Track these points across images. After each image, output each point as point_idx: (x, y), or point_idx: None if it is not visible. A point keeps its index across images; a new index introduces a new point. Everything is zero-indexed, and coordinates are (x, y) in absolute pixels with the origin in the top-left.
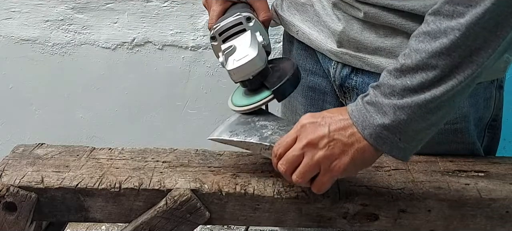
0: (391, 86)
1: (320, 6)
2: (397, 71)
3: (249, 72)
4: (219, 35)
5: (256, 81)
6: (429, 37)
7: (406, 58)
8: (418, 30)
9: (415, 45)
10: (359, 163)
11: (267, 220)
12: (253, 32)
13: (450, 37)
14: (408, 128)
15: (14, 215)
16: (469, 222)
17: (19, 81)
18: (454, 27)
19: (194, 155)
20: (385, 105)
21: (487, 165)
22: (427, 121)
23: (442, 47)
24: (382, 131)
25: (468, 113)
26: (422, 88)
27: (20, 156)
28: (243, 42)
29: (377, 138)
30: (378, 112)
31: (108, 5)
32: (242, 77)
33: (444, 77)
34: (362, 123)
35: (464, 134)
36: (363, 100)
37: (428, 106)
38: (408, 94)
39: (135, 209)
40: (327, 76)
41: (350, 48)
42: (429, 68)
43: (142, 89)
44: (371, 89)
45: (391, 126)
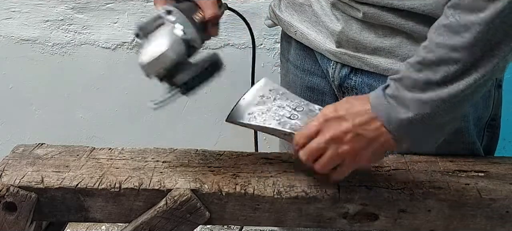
0: (414, 80)
1: (319, 6)
2: (419, 64)
3: (160, 67)
4: (140, 30)
5: (171, 76)
6: (449, 31)
7: (428, 51)
8: (437, 22)
9: (435, 38)
10: (380, 154)
11: (267, 220)
12: (173, 25)
13: (471, 32)
14: (432, 121)
15: (14, 215)
16: (469, 222)
17: (19, 81)
18: (475, 22)
19: (194, 155)
20: (408, 99)
21: (487, 165)
22: (450, 115)
23: (464, 41)
24: (407, 125)
25: (467, 113)
26: (445, 82)
27: (20, 156)
28: (158, 35)
29: (401, 132)
30: (402, 106)
31: (108, 5)
32: (155, 72)
33: (466, 71)
34: (387, 116)
35: (464, 134)
36: (385, 92)
37: (452, 101)
38: (431, 88)
39: (135, 209)
40: (326, 76)
41: (349, 48)
42: (451, 62)
43: (142, 89)
44: (391, 81)
45: (415, 119)
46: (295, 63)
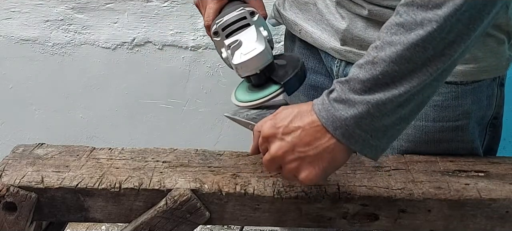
0: (362, 82)
1: (323, 4)
2: (368, 65)
3: (256, 66)
4: (222, 30)
5: (262, 76)
6: (403, 28)
7: (379, 50)
8: (389, 21)
9: (388, 37)
10: (331, 166)
11: (267, 220)
12: (257, 26)
13: (426, 29)
14: (380, 123)
15: (14, 215)
16: (469, 222)
17: (19, 81)
18: (431, 19)
19: (194, 155)
20: (357, 102)
21: (487, 165)
22: (397, 115)
23: (418, 39)
24: (354, 130)
25: (470, 110)
26: (394, 81)
27: (20, 156)
28: (248, 36)
29: (349, 137)
30: (348, 110)
31: (108, 5)
32: (250, 72)
33: (416, 70)
34: (333, 123)
35: (465, 132)
36: (329, 97)
37: (399, 100)
38: (380, 89)
39: (135, 209)
40: (330, 75)
41: (354, 46)
42: (403, 61)
43: (142, 89)
44: (337, 85)
45: (363, 123)
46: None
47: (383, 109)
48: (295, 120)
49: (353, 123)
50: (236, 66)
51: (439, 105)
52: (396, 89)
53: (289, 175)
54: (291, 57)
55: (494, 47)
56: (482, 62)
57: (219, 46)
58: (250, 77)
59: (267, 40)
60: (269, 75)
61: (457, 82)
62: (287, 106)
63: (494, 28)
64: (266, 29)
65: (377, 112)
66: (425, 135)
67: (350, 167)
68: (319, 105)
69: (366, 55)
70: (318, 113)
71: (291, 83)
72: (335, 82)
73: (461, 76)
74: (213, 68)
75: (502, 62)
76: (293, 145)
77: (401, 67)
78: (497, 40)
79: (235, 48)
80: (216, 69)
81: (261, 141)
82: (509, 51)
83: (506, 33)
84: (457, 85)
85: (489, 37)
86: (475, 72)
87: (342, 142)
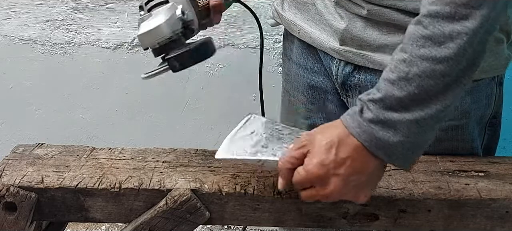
0: (398, 99)
1: (322, 4)
2: (402, 81)
3: (155, 39)
4: (145, 4)
5: (159, 51)
6: (431, 41)
7: (410, 65)
8: (413, 33)
9: (416, 51)
10: (379, 179)
11: (267, 220)
12: (177, 4)
13: (457, 42)
14: (421, 139)
15: (14, 215)
16: (469, 222)
17: (19, 81)
18: (461, 31)
19: (194, 155)
20: (396, 121)
21: (487, 165)
22: (436, 129)
23: (450, 53)
24: (397, 148)
25: (469, 109)
26: (431, 97)
27: (20, 156)
28: (159, 11)
29: (391, 155)
30: (388, 130)
31: (108, 5)
32: (149, 44)
33: (452, 83)
34: (376, 145)
35: (465, 131)
36: (363, 117)
37: (439, 116)
38: (418, 105)
39: (135, 209)
40: (329, 74)
41: (353, 46)
42: (438, 75)
43: (142, 89)
44: (371, 104)
45: (406, 141)
46: (297, 62)
47: (423, 126)
48: (340, 151)
49: (396, 143)
50: (138, 37)
51: None
52: (434, 105)
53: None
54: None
55: (493, 46)
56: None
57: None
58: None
59: (179, 18)
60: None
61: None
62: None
63: None
64: (185, 8)
65: (418, 129)
66: None
67: None
68: (356, 128)
69: (395, 70)
70: (359, 138)
71: (175, 60)
72: (366, 101)
73: None
74: (213, 68)
75: (501, 62)
76: (348, 175)
77: (437, 82)
78: (496, 40)
79: (142, 20)
80: (216, 69)
81: (305, 180)
82: (508, 51)
83: (505, 33)
84: None
85: None
86: None
87: (385, 160)
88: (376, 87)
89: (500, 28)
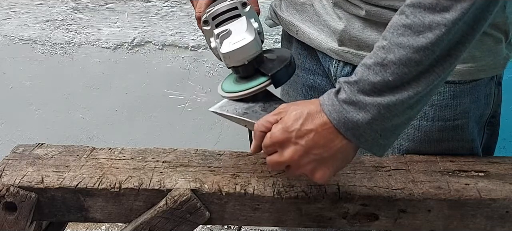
0: (372, 83)
1: (320, 5)
2: (377, 66)
3: (245, 57)
4: (212, 19)
5: (250, 67)
6: (411, 30)
7: (388, 52)
8: (395, 21)
9: (395, 38)
10: (342, 164)
11: (267, 220)
12: (248, 17)
13: (435, 32)
14: (390, 124)
15: (14, 215)
16: (469, 222)
17: (19, 81)
18: (440, 22)
19: (194, 155)
20: (367, 104)
21: (487, 165)
22: (406, 115)
23: (427, 42)
24: (365, 130)
25: (468, 109)
26: (403, 84)
27: (20, 156)
28: (238, 26)
29: (359, 137)
30: (359, 111)
31: (108, 5)
32: (237, 62)
33: (425, 72)
34: (344, 124)
35: (464, 131)
36: (338, 98)
37: (410, 102)
38: (390, 91)
39: (135, 209)
40: (327, 75)
41: (352, 47)
42: (413, 63)
43: (142, 89)
44: (346, 85)
45: (374, 124)
46: (296, 63)
47: (393, 111)
48: (307, 123)
49: (364, 125)
50: (224, 56)
51: (437, 105)
52: (406, 92)
53: (299, 174)
54: (281, 51)
55: (492, 46)
56: (480, 61)
57: (208, 35)
58: (238, 68)
59: (257, 32)
60: (257, 67)
61: (455, 82)
62: (289, 104)
63: (492, 27)
64: (257, 21)
65: (387, 113)
66: (424, 134)
67: (350, 167)
68: (329, 106)
69: (373, 56)
70: (329, 115)
71: (279, 75)
72: (343, 83)
73: (459, 75)
74: (213, 68)
75: (499, 61)
76: (308, 148)
77: (410, 70)
78: (494, 39)
79: (224, 37)
80: (216, 69)
81: (269, 143)
82: (506, 50)
83: (504, 32)
84: (455, 84)
85: (487, 37)
86: (473, 71)
87: (353, 141)
88: (355, 71)
89: (499, 28)
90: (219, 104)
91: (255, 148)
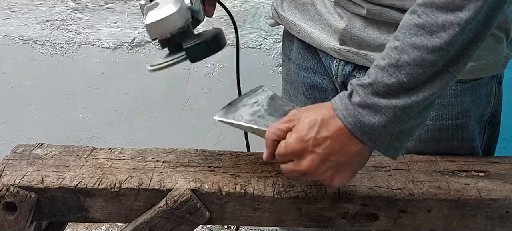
0: (387, 85)
1: (322, 4)
2: (392, 67)
3: (166, 29)
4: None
5: (172, 42)
6: (424, 30)
7: (401, 53)
8: (407, 21)
9: (408, 39)
10: (359, 166)
11: (267, 220)
12: None
13: (449, 32)
14: (406, 126)
15: (14, 215)
16: (469, 222)
17: (19, 81)
18: (453, 22)
19: (194, 155)
20: (383, 107)
21: (487, 165)
22: (421, 117)
23: (442, 43)
24: (381, 134)
25: (469, 108)
26: (418, 85)
27: (20, 156)
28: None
29: (376, 140)
30: (375, 114)
31: (108, 5)
32: (160, 34)
33: (439, 72)
34: (360, 129)
35: (464, 130)
36: (352, 102)
37: (425, 103)
38: (405, 92)
39: (135, 209)
40: (329, 74)
41: (353, 46)
42: (427, 64)
43: (142, 89)
44: (359, 88)
45: (390, 126)
46: (297, 62)
47: (409, 113)
48: (322, 130)
49: (380, 128)
50: (146, 27)
51: (438, 104)
52: (421, 93)
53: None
54: (214, 30)
55: (493, 45)
56: (480, 60)
57: (143, 9)
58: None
59: (187, 8)
60: (179, 42)
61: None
62: (300, 110)
63: None
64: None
65: (403, 115)
66: (425, 133)
67: None
68: (343, 111)
69: (386, 57)
70: (344, 120)
71: (194, 50)
72: (356, 85)
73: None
74: (213, 68)
75: (500, 60)
76: (325, 155)
77: (425, 71)
78: (495, 39)
79: (150, 8)
80: (216, 69)
81: (284, 153)
82: (507, 50)
83: (505, 32)
84: (456, 83)
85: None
86: (474, 71)
87: (369, 145)
88: (367, 73)
89: (499, 27)
90: (222, 112)
91: (269, 156)
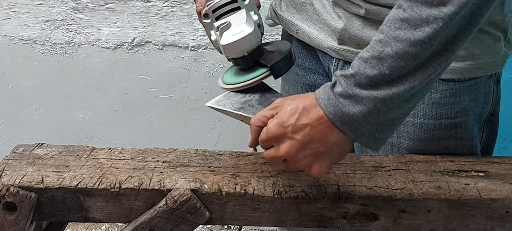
0: (368, 77)
1: (320, 4)
2: (374, 60)
3: (244, 48)
4: (212, 12)
5: (250, 59)
6: (408, 24)
7: (385, 46)
8: (392, 15)
9: (392, 32)
10: (339, 157)
11: (267, 220)
12: (248, 10)
13: (433, 26)
14: (386, 117)
15: (14, 215)
16: (469, 222)
17: (19, 81)
18: (437, 16)
19: (194, 155)
20: (364, 97)
21: (487, 164)
22: (402, 109)
23: (424, 36)
24: (361, 124)
25: (468, 107)
26: (400, 77)
27: (20, 156)
28: (238, 19)
29: (356, 131)
30: (355, 105)
31: (108, 5)
32: (237, 53)
33: (421, 66)
34: (341, 118)
35: (463, 129)
36: (334, 92)
37: (406, 96)
38: (387, 84)
39: (135, 209)
40: (327, 74)
41: (351, 45)
42: (409, 57)
43: (142, 89)
44: (342, 78)
45: (371, 117)
46: (296, 62)
47: (390, 105)
48: (302, 117)
49: (361, 118)
50: (224, 48)
51: (437, 103)
52: (403, 85)
53: (296, 168)
54: (281, 43)
55: (491, 44)
56: (479, 59)
57: (208, 28)
58: (237, 60)
59: (256, 24)
60: (257, 59)
61: (454, 80)
62: (285, 99)
63: (491, 25)
64: (256, 13)
65: (384, 107)
66: (424, 133)
67: (350, 167)
68: (325, 100)
69: (370, 49)
70: (325, 109)
71: (278, 66)
72: (339, 76)
73: (458, 73)
74: (213, 68)
75: (498, 59)
76: (304, 143)
77: (407, 63)
78: (493, 38)
79: (224, 29)
80: (216, 69)
81: (265, 138)
82: (505, 48)
83: (502, 31)
84: (454, 82)
85: (486, 35)
86: (472, 70)
87: (349, 135)
88: (351, 65)
89: (497, 26)
90: (216, 99)
91: (252, 142)
